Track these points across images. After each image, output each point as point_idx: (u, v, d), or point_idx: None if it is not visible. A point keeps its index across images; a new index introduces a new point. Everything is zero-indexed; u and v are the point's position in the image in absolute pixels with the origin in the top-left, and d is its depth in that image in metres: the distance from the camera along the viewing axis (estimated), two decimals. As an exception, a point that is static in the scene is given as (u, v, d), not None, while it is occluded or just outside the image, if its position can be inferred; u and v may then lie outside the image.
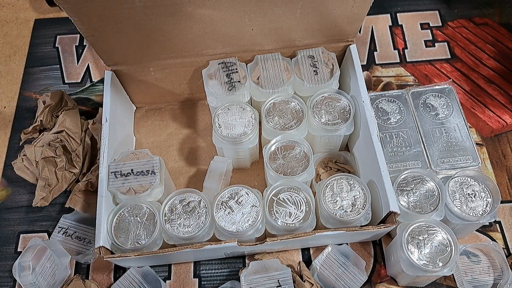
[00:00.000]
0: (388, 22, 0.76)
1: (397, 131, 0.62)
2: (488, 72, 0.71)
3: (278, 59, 0.59)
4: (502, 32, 0.75)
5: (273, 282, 0.52)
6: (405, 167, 0.59)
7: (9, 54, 0.76)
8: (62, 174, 0.61)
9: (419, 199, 0.53)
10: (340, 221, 0.51)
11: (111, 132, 0.56)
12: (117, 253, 0.50)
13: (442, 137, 0.61)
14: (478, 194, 0.54)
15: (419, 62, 0.72)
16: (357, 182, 0.53)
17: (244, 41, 0.57)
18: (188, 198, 0.53)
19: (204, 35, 0.55)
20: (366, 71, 0.72)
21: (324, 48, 0.60)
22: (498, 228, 0.59)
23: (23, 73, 0.74)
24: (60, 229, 0.59)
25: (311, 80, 0.57)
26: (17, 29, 0.78)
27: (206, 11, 0.51)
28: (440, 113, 0.63)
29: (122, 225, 0.52)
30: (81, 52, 0.76)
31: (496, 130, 0.66)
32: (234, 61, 0.59)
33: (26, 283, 0.56)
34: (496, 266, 0.56)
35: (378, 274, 0.57)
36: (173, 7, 0.50)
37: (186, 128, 0.67)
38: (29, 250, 0.57)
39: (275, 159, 0.54)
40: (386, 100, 0.64)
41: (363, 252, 0.58)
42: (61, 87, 0.72)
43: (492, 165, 0.63)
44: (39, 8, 0.80)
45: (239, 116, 0.57)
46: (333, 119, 0.56)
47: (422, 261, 0.49)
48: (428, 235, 0.50)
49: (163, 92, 0.66)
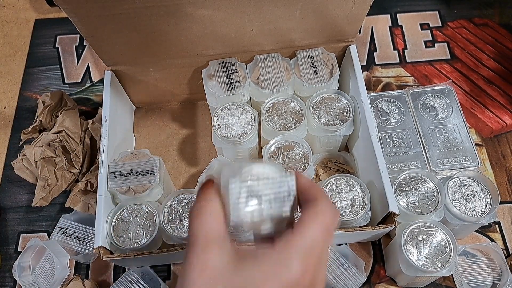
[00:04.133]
0: (388, 23, 0.76)
1: (396, 132, 0.62)
2: (488, 73, 0.71)
3: (278, 59, 0.59)
4: (502, 32, 0.75)
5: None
6: (405, 167, 0.59)
7: (9, 54, 0.76)
8: (62, 174, 0.61)
9: (419, 200, 0.53)
10: (340, 221, 0.51)
11: (110, 132, 0.56)
12: (116, 253, 0.50)
13: (442, 138, 0.61)
14: (478, 195, 0.54)
15: (419, 62, 0.72)
16: (356, 182, 0.53)
17: (244, 42, 0.57)
18: (188, 198, 0.53)
19: (204, 35, 0.55)
20: (365, 71, 0.72)
21: (324, 49, 0.60)
22: (497, 229, 0.59)
23: (23, 73, 0.74)
24: (59, 229, 0.59)
25: (310, 81, 0.58)
26: (17, 29, 0.78)
27: (206, 11, 0.51)
28: (440, 113, 0.63)
29: (121, 225, 0.52)
30: (81, 52, 0.76)
31: (496, 131, 0.66)
32: (233, 61, 0.59)
33: (26, 283, 0.56)
34: (495, 266, 0.56)
35: (377, 275, 0.57)
36: (173, 7, 0.50)
37: (186, 128, 0.67)
38: (29, 250, 0.58)
39: (274, 159, 0.54)
40: (385, 101, 0.64)
41: (362, 253, 0.58)
42: (61, 87, 0.72)
43: (492, 166, 0.63)
44: (39, 9, 0.80)
45: (238, 117, 0.57)
46: (333, 119, 0.56)
47: (421, 261, 0.49)
48: (427, 235, 0.50)
49: (163, 92, 0.66)
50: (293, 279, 0.27)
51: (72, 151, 0.62)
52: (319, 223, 0.29)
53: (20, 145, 0.66)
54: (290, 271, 0.28)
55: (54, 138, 0.62)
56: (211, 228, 0.29)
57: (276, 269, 0.28)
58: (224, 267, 0.28)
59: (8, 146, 0.68)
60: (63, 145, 0.61)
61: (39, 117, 0.64)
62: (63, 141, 0.61)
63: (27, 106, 0.71)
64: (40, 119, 0.64)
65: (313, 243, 0.29)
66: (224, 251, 0.28)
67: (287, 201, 0.31)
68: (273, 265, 0.28)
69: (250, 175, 0.30)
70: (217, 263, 0.28)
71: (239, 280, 0.27)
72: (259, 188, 0.30)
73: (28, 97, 0.72)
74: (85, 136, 0.64)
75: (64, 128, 0.62)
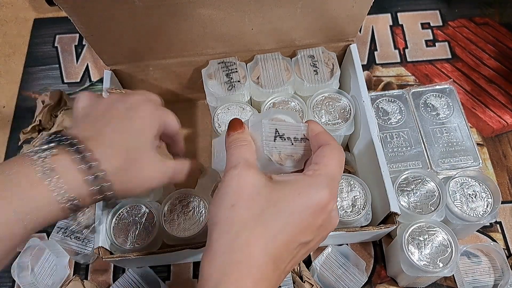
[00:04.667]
0: (388, 22, 0.76)
1: (397, 131, 0.61)
2: (488, 72, 0.71)
3: (278, 58, 0.59)
4: (503, 32, 0.74)
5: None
6: (406, 167, 0.59)
7: (8, 53, 0.76)
8: (61, 174, 0.61)
9: (420, 200, 0.53)
10: (340, 221, 0.51)
11: (110, 132, 0.56)
12: (116, 254, 0.50)
13: (443, 137, 0.61)
14: (479, 195, 0.54)
15: (419, 62, 0.72)
16: (357, 182, 0.53)
17: (244, 41, 0.57)
18: (188, 199, 0.53)
19: (204, 35, 0.55)
20: (366, 71, 0.72)
21: (324, 48, 0.60)
22: (498, 229, 0.59)
23: (22, 73, 0.74)
24: (59, 229, 0.59)
25: (311, 80, 0.57)
26: (17, 28, 0.78)
27: (206, 10, 0.51)
28: (441, 113, 0.63)
29: (121, 226, 0.52)
30: (81, 51, 0.76)
31: (497, 130, 0.66)
32: (234, 60, 0.59)
33: (25, 283, 0.56)
34: (496, 266, 0.56)
35: (378, 275, 0.57)
36: (173, 7, 0.50)
37: (186, 128, 0.67)
38: (28, 250, 0.57)
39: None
40: (386, 100, 0.64)
41: (363, 253, 0.58)
42: (60, 87, 0.72)
43: (493, 166, 0.63)
44: (38, 8, 0.80)
45: (239, 116, 0.56)
46: (333, 119, 0.56)
47: (423, 261, 0.49)
48: (428, 235, 0.50)
49: (163, 92, 0.66)
50: (322, 203, 0.32)
51: (72, 151, 0.61)
52: (336, 158, 0.34)
53: (19, 145, 0.66)
54: (319, 195, 0.32)
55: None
56: (250, 156, 0.34)
57: (308, 190, 0.32)
58: (263, 185, 0.32)
59: (7, 145, 0.67)
60: (62, 145, 0.61)
61: (38, 117, 0.64)
62: (62, 141, 0.61)
63: (26, 105, 0.71)
64: (40, 119, 0.64)
65: (334, 173, 0.33)
66: (261, 175, 0.33)
67: (305, 143, 0.36)
68: (306, 187, 0.32)
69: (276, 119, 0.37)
70: (257, 181, 0.32)
71: (276, 195, 0.32)
72: (284, 129, 0.36)
73: (27, 97, 0.72)
74: (85, 136, 0.63)
75: (64, 127, 0.62)
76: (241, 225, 0.31)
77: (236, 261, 0.30)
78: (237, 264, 0.30)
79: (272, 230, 0.31)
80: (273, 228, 0.31)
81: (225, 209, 0.32)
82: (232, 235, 0.31)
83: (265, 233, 0.31)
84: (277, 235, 0.31)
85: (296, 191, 0.32)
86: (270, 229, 0.31)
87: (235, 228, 0.31)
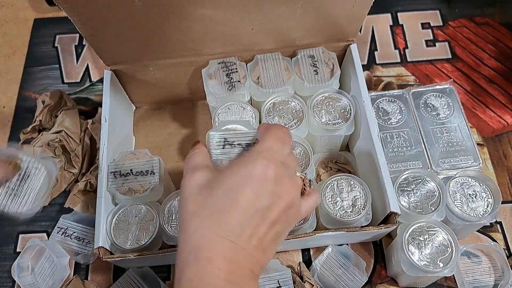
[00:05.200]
0: (388, 22, 0.76)
1: (397, 131, 0.61)
2: (489, 72, 0.71)
3: (278, 58, 0.59)
4: (503, 31, 0.74)
5: (273, 283, 0.52)
6: (406, 167, 0.59)
7: (8, 53, 0.76)
8: (61, 174, 0.61)
9: (420, 200, 0.53)
10: (341, 221, 0.51)
11: (110, 132, 0.56)
12: (116, 254, 0.50)
13: (443, 137, 0.61)
14: (479, 195, 0.54)
15: (419, 62, 0.72)
16: (357, 182, 0.53)
17: (244, 41, 0.57)
18: (188, 199, 0.52)
19: (204, 35, 0.55)
20: (366, 70, 0.72)
21: (325, 48, 0.60)
22: (499, 229, 0.59)
23: (22, 73, 0.74)
24: (59, 229, 0.59)
25: (311, 80, 0.57)
26: (17, 28, 0.78)
27: (206, 11, 0.51)
28: (441, 113, 0.63)
29: (121, 226, 0.52)
30: (81, 51, 0.76)
31: (497, 130, 0.66)
32: (234, 60, 0.59)
33: (25, 283, 0.56)
34: (497, 266, 0.56)
35: (378, 275, 0.57)
36: (173, 7, 0.50)
37: (186, 128, 0.67)
38: (28, 250, 0.57)
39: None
40: (386, 100, 0.64)
41: (364, 253, 0.58)
42: (60, 87, 0.72)
43: (493, 165, 0.63)
44: (38, 8, 0.80)
45: (239, 116, 0.56)
46: (334, 119, 0.56)
47: (423, 261, 0.49)
48: (428, 235, 0.50)
49: (162, 92, 0.66)
50: (259, 174, 0.34)
51: (72, 151, 0.61)
52: (272, 134, 0.37)
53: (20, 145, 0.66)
54: (255, 167, 0.34)
55: (53, 138, 0.61)
56: (198, 160, 0.38)
57: (244, 166, 0.34)
58: (206, 180, 0.35)
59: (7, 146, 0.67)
60: (62, 145, 0.61)
61: (38, 117, 0.64)
62: (62, 141, 0.61)
63: (27, 105, 0.71)
64: (40, 119, 0.64)
65: (271, 147, 0.36)
66: (208, 171, 0.36)
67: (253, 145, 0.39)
68: (241, 164, 0.35)
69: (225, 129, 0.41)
70: (201, 179, 0.35)
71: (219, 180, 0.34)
72: (234, 137, 0.39)
73: (27, 97, 0.72)
74: (85, 136, 0.63)
75: (64, 128, 0.62)
76: (189, 217, 0.34)
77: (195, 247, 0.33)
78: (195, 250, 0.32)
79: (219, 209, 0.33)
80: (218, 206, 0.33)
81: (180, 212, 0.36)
82: (185, 227, 0.34)
83: (214, 214, 0.33)
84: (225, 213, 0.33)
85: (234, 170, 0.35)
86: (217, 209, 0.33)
87: (187, 221, 0.34)
